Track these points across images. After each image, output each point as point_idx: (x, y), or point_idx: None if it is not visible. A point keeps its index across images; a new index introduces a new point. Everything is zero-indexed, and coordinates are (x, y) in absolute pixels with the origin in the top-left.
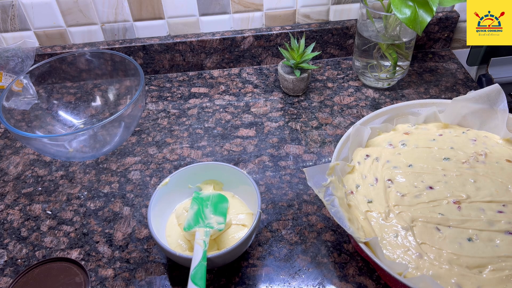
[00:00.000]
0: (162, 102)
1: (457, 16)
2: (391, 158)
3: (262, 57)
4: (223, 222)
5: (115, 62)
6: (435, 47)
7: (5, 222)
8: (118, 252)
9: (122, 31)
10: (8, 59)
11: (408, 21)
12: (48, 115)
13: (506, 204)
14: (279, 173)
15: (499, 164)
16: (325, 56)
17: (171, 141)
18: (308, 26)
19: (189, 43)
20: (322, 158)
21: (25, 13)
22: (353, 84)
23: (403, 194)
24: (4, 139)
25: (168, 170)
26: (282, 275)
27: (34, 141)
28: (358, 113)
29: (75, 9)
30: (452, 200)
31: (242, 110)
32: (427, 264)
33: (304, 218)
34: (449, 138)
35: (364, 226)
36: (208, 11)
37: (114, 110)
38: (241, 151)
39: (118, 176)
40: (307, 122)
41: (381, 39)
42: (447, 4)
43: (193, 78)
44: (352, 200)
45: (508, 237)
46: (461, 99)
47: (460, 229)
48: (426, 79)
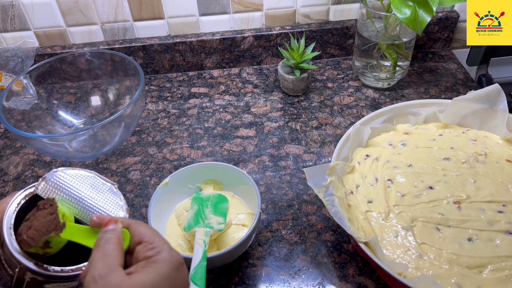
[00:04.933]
0: (162, 102)
1: (457, 16)
2: (391, 158)
3: (262, 57)
4: (223, 222)
5: (115, 62)
6: (435, 47)
7: None
8: None
9: (122, 31)
10: (8, 59)
11: (408, 21)
12: (48, 115)
13: (506, 204)
14: (279, 173)
15: (499, 164)
16: (325, 56)
17: (171, 141)
18: (308, 26)
19: (189, 43)
20: (322, 158)
21: (25, 13)
22: (353, 84)
23: (403, 194)
24: (4, 139)
25: (168, 170)
26: (282, 275)
27: (34, 141)
28: (358, 113)
29: (75, 9)
30: (452, 200)
31: (242, 110)
32: (427, 264)
33: (304, 218)
34: (449, 138)
35: (364, 226)
36: (208, 11)
37: (114, 110)
38: (241, 151)
39: (118, 176)
40: (307, 122)
41: (381, 39)
42: (447, 4)
43: (193, 78)
44: (352, 200)
45: (508, 237)
46: (461, 99)
47: (460, 229)
48: (426, 79)
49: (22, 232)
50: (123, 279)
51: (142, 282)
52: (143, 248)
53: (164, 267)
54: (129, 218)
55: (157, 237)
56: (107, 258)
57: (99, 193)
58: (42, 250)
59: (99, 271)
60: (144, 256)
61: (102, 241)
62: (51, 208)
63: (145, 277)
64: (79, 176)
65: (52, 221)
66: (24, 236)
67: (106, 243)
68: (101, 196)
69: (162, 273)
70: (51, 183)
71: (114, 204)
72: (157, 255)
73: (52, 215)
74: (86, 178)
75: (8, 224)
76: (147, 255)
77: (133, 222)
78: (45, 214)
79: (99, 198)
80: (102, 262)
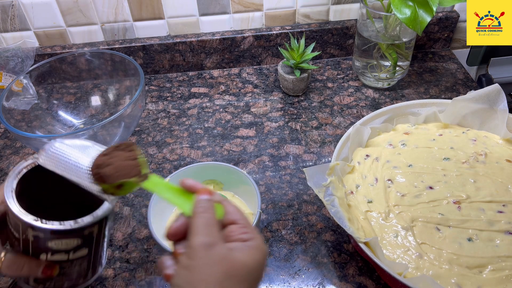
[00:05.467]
0: (162, 102)
1: (457, 16)
2: (391, 158)
3: (262, 57)
4: None
5: (115, 62)
6: (435, 47)
7: None
8: (118, 252)
9: (122, 31)
10: (8, 59)
11: (408, 21)
12: (48, 115)
13: (506, 204)
14: (279, 173)
15: (499, 164)
16: (325, 56)
17: (171, 141)
18: (308, 26)
19: (189, 43)
20: (322, 158)
21: (25, 13)
22: (353, 84)
23: (403, 194)
24: (4, 139)
25: (168, 170)
26: (282, 275)
27: (34, 141)
28: (358, 113)
29: (75, 9)
30: (452, 200)
31: (242, 110)
32: (427, 264)
33: (304, 218)
34: (449, 138)
35: (364, 226)
36: (208, 11)
37: (114, 110)
38: (241, 151)
39: None
40: (307, 122)
41: (381, 39)
42: (447, 4)
43: (193, 78)
44: (352, 200)
45: (508, 237)
46: (461, 99)
47: (460, 229)
48: (426, 79)
49: (102, 165)
50: (227, 253)
51: (244, 262)
52: (238, 229)
53: (261, 254)
54: (219, 194)
55: (249, 223)
56: (210, 228)
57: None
58: (113, 190)
59: (207, 239)
60: (239, 238)
61: (199, 208)
62: (132, 153)
63: (247, 258)
64: (76, 146)
65: (135, 166)
66: (105, 170)
67: (204, 211)
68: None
69: (259, 259)
70: (51, 152)
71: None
72: (254, 240)
73: (134, 161)
74: (83, 147)
75: (10, 187)
76: (242, 238)
77: (225, 200)
78: (126, 157)
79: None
80: (207, 231)
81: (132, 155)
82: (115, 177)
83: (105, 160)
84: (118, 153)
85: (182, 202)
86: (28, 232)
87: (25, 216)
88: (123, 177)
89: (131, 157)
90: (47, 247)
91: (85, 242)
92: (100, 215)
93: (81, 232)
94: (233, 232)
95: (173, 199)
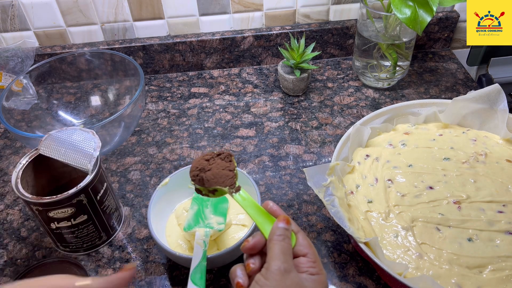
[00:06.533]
0: (162, 102)
1: (457, 16)
2: (391, 158)
3: (262, 57)
4: (223, 222)
5: (115, 62)
6: (435, 47)
7: (5, 222)
8: (118, 252)
9: (122, 31)
10: (8, 59)
11: (408, 21)
12: (48, 115)
13: (506, 204)
14: (279, 173)
15: (499, 164)
16: (325, 56)
17: (171, 141)
18: (308, 26)
19: (189, 43)
20: (322, 158)
21: (25, 13)
22: (353, 84)
23: (403, 194)
24: (4, 139)
25: (168, 170)
26: None
27: (34, 141)
28: (358, 113)
29: (75, 9)
30: (452, 200)
31: (242, 110)
32: (427, 264)
33: (304, 218)
34: (449, 138)
35: (364, 226)
36: (208, 11)
37: (114, 110)
38: (241, 151)
39: (118, 176)
40: (307, 122)
41: (381, 39)
42: (447, 4)
43: (193, 78)
44: (352, 200)
45: (508, 237)
46: (461, 99)
47: (460, 229)
48: (426, 79)
49: (203, 170)
50: (299, 281)
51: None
52: (307, 262)
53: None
54: (297, 225)
55: (318, 258)
56: (287, 256)
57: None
58: (207, 192)
59: (284, 265)
60: (307, 271)
61: (277, 235)
62: (230, 164)
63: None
64: (66, 133)
65: (230, 177)
66: (203, 174)
67: (282, 239)
68: (82, 143)
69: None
70: (48, 141)
71: (88, 144)
72: (320, 275)
73: (230, 172)
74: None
75: (16, 176)
76: (310, 271)
77: (301, 232)
78: (224, 166)
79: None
80: (284, 258)
81: (230, 166)
82: (212, 183)
83: (206, 165)
84: (218, 161)
85: (262, 222)
86: (32, 207)
87: (23, 195)
88: (219, 184)
89: (229, 167)
90: (49, 216)
91: (79, 209)
92: (82, 186)
93: (69, 201)
94: (303, 264)
95: (256, 217)
